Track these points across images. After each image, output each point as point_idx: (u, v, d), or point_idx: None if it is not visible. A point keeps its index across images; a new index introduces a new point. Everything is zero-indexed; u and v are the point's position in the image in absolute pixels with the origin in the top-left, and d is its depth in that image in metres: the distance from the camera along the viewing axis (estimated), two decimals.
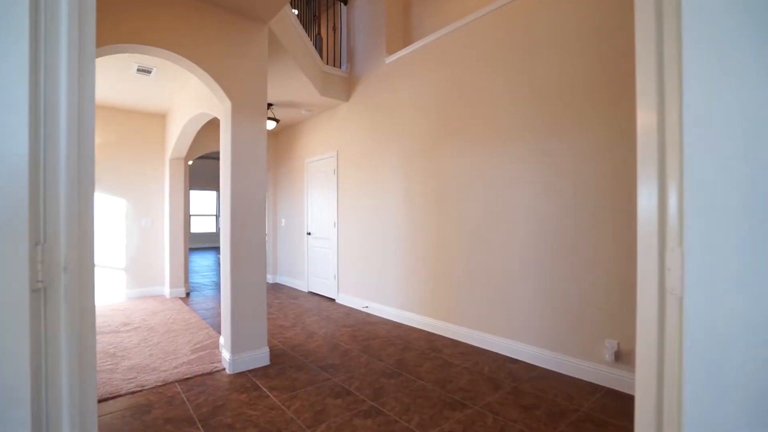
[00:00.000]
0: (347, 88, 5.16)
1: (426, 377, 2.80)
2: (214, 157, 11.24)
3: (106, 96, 4.83)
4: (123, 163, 5.43)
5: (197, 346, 3.45)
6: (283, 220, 6.91)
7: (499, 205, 3.31)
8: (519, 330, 3.15)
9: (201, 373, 2.86)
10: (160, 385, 2.67)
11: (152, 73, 4.09)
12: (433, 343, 3.57)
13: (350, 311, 4.83)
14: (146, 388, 2.63)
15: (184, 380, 2.76)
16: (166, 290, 5.61)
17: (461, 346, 3.46)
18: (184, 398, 2.48)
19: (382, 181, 4.61)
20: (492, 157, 3.38)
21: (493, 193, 3.36)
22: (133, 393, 2.56)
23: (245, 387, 2.64)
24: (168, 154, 5.52)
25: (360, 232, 4.98)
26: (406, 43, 4.70)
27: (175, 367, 2.96)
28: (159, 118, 5.71)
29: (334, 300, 5.48)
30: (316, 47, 4.95)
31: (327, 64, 5.12)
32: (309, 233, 6.09)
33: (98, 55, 2.51)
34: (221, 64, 2.88)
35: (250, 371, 2.91)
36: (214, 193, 14.09)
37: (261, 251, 3.06)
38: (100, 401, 2.45)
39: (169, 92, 4.72)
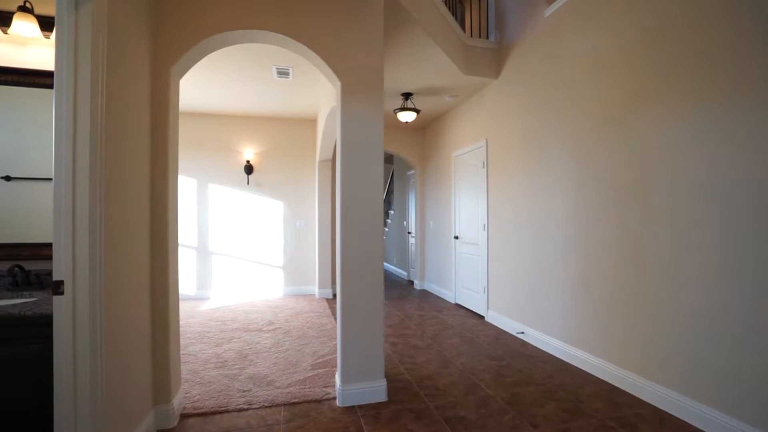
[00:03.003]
0: (496, 61, 4.23)
1: None
2: None
3: (257, 106, 5.16)
4: (281, 168, 5.80)
5: (320, 360, 3.16)
6: (431, 221, 6.37)
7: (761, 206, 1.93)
8: None
9: (310, 398, 2.50)
10: (266, 406, 2.41)
11: (290, 75, 4.09)
12: (619, 408, 2.38)
13: (500, 335, 3.90)
14: (253, 407, 2.40)
15: (290, 405, 2.43)
16: (316, 290, 5.75)
17: (671, 423, 2.17)
18: None
19: (542, 172, 3.53)
20: (719, 118, 2.01)
21: (742, 184, 1.99)
22: (239, 411, 2.36)
23: (348, 431, 2.13)
24: (317, 157, 5.64)
25: (514, 238, 3.98)
26: None
27: (289, 385, 2.69)
28: (311, 123, 5.92)
29: (482, 318, 4.60)
30: (456, 18, 4.20)
31: (471, 37, 4.29)
32: (456, 237, 5.36)
33: (209, 50, 2.40)
34: (328, 38, 2.46)
35: (360, 407, 2.40)
36: None
37: (377, 262, 2.51)
38: (207, 414, 2.31)
39: (309, 93, 4.72)
